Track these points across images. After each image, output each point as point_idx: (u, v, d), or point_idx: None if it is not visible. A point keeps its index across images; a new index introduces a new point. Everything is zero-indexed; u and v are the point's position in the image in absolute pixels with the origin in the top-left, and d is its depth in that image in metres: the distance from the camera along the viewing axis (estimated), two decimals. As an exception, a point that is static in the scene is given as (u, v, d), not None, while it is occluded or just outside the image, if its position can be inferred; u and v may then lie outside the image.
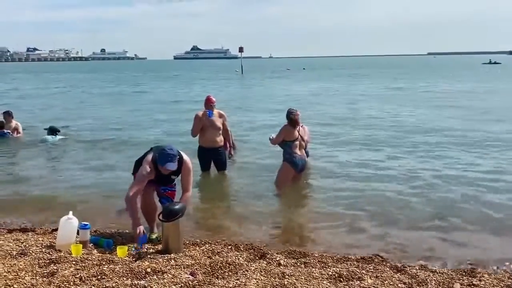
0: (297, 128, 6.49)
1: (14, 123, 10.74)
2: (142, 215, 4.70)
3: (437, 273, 3.84)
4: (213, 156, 7.28)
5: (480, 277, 3.77)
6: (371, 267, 3.89)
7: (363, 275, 3.64)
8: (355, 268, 3.81)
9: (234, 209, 6.21)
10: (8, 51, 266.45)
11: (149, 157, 4.53)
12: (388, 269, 3.90)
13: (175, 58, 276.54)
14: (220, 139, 7.23)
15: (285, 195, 6.67)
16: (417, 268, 3.94)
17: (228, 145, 7.60)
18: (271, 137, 6.72)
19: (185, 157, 4.59)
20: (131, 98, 23.67)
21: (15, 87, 33.67)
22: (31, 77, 53.41)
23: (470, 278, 3.75)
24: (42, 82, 41.88)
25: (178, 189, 4.83)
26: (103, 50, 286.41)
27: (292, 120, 6.48)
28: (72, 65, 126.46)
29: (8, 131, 10.51)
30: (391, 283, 3.54)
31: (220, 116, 7.22)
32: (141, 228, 4.32)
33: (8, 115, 10.71)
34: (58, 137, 10.71)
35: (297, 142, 6.48)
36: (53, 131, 10.76)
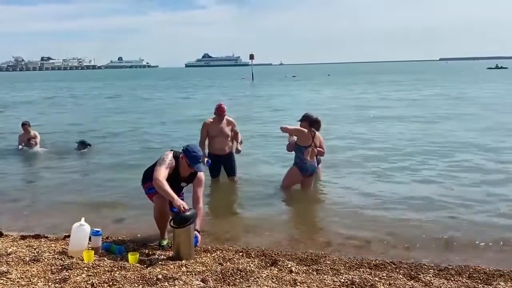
0: (313, 135, 6.45)
1: (32, 132, 10.86)
2: (155, 222, 4.72)
3: (452, 280, 3.78)
4: (223, 162, 7.30)
5: (496, 285, 3.70)
6: (384, 274, 3.84)
7: (376, 282, 3.59)
8: (368, 275, 3.76)
9: (245, 215, 6.20)
10: (23, 60, 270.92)
11: (170, 153, 4.55)
12: (401, 276, 3.84)
13: (187, 65, 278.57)
14: (229, 146, 7.25)
15: (297, 201, 6.65)
16: (431, 276, 3.88)
17: (236, 143, 7.45)
18: (283, 127, 6.61)
19: None
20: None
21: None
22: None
23: (485, 285, 3.68)
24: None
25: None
26: (120, 59, 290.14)
27: (312, 122, 6.40)
28: (91, 74, 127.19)
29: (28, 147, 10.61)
30: (405, 290, 3.49)
31: (229, 123, 7.22)
32: (183, 204, 4.22)
33: (26, 125, 10.84)
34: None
35: (310, 149, 6.44)
36: (84, 144, 10.87)
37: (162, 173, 4.37)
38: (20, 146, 10.63)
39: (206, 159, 6.81)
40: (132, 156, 10.15)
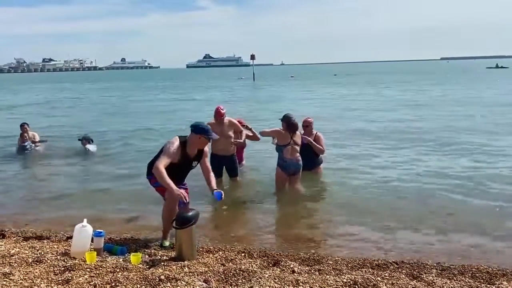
0: (291, 134, 6.56)
1: (31, 133, 10.87)
2: (162, 219, 4.71)
3: (455, 280, 3.77)
4: (226, 163, 7.30)
5: (498, 284, 3.69)
6: (386, 274, 3.83)
7: (378, 282, 3.59)
8: (370, 275, 3.76)
9: (247, 216, 6.20)
10: (24, 62, 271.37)
11: (176, 139, 4.61)
12: (403, 276, 3.84)
13: (188, 66, 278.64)
14: (232, 147, 7.24)
15: (298, 202, 6.64)
16: (434, 275, 3.87)
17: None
18: (261, 132, 6.95)
19: None
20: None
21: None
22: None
23: (488, 285, 3.68)
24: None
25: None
26: (123, 60, 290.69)
27: (289, 124, 6.53)
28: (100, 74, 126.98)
29: (29, 142, 10.60)
30: (407, 290, 3.49)
31: (231, 125, 7.21)
32: (183, 193, 4.33)
33: (25, 126, 10.85)
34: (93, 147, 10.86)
35: (289, 147, 6.60)
36: (88, 140, 10.86)
37: (163, 162, 4.41)
38: (21, 147, 10.58)
39: None
40: (133, 158, 10.15)
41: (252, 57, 51.93)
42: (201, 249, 4.52)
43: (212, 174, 4.79)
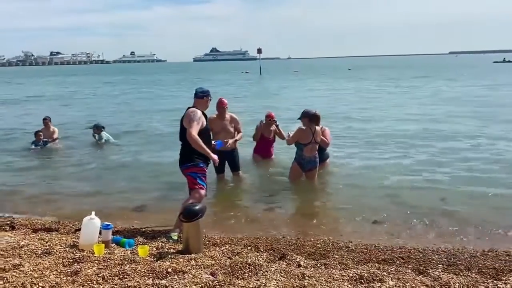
0: (313, 130, 6.54)
1: (52, 128, 10.96)
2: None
3: (461, 275, 3.76)
4: (227, 158, 7.28)
5: (505, 280, 3.68)
6: (392, 269, 3.84)
7: (384, 277, 3.59)
8: (376, 270, 3.76)
9: (253, 210, 6.20)
10: (32, 55, 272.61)
11: (192, 108, 4.88)
12: (410, 271, 3.84)
13: (195, 60, 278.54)
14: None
15: (304, 196, 6.66)
16: (440, 270, 3.87)
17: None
18: (288, 135, 6.90)
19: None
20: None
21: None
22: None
23: (495, 281, 3.66)
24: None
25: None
26: (132, 53, 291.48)
27: (311, 117, 6.53)
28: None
29: (46, 139, 10.69)
30: (413, 285, 3.48)
31: (232, 120, 7.21)
32: (215, 157, 4.88)
33: (47, 120, 10.95)
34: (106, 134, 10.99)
35: (310, 146, 6.60)
36: (99, 128, 10.99)
37: (195, 129, 4.72)
38: (39, 144, 10.63)
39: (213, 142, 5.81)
40: (141, 150, 10.20)
41: (259, 51, 51.81)
42: (208, 242, 4.55)
43: None
